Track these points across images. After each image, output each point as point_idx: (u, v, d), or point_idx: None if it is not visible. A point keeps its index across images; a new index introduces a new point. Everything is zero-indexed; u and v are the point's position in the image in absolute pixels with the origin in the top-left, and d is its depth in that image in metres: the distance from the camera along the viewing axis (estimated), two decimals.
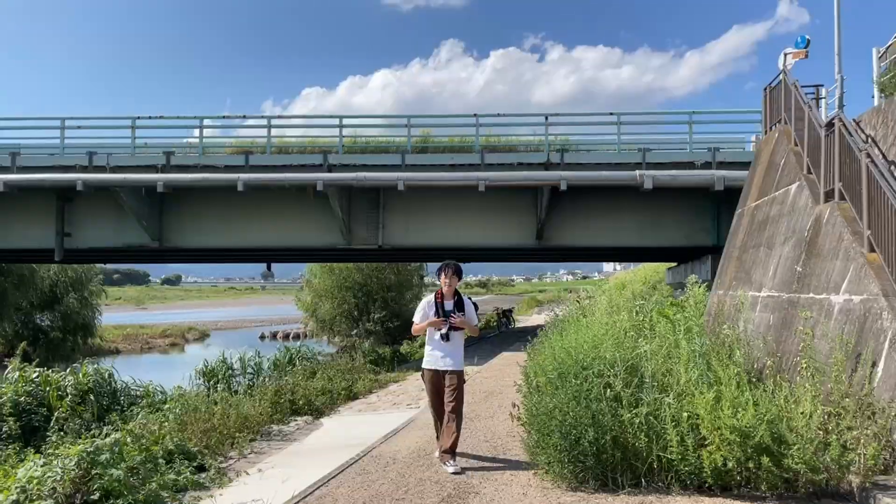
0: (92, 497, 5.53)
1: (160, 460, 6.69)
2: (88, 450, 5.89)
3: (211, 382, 12.97)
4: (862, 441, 4.64)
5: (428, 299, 6.33)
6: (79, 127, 17.48)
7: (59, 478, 5.64)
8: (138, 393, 11.59)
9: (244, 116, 17.83)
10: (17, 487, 5.46)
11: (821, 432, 4.71)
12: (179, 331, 52.34)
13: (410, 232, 18.50)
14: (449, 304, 6.13)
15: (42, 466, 5.96)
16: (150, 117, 17.33)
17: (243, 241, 18.87)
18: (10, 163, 17.17)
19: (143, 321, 57.58)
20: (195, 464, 7.00)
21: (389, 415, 9.94)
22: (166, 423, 7.95)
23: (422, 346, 28.44)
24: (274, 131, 17.83)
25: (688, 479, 4.87)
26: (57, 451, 6.20)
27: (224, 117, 18.04)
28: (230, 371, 13.73)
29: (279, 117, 17.89)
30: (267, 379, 13.23)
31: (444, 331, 6.00)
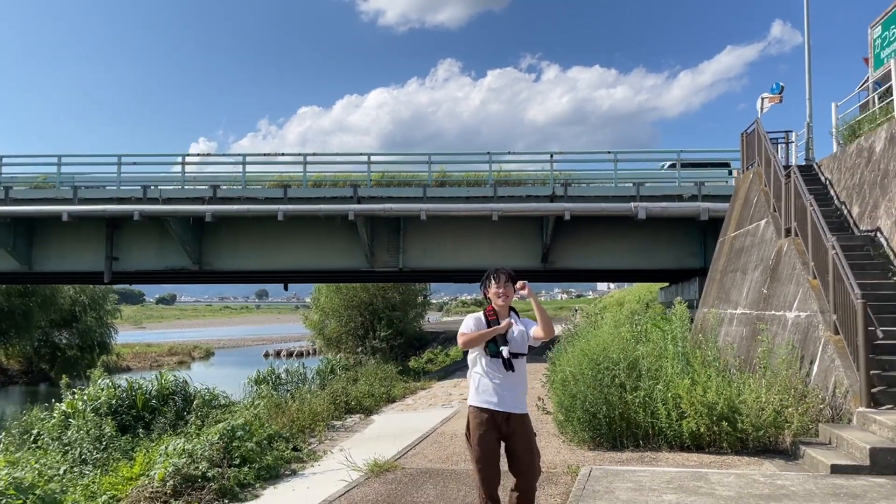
0: (234, 462, 7.48)
1: (264, 441, 8.66)
2: (227, 428, 7.87)
3: (263, 388, 14.83)
4: (793, 413, 6.68)
5: (475, 316, 4.49)
6: (134, 163, 19.51)
7: (206, 448, 7.58)
8: (206, 397, 13.45)
9: (283, 154, 19.96)
10: (183, 453, 7.38)
11: (763, 409, 6.74)
12: (185, 349, 53.82)
13: (428, 255, 20.54)
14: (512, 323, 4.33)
15: (186, 443, 7.91)
16: (197, 154, 19.45)
17: (275, 264, 20.84)
18: (73, 195, 19.16)
19: (146, 340, 58.91)
20: (291, 445, 8.96)
21: (428, 412, 11.89)
22: (258, 416, 9.87)
23: (428, 361, 30.08)
24: (306, 167, 19.93)
25: (673, 441, 6.92)
26: (198, 432, 8.13)
27: (266, 154, 20.13)
28: (279, 379, 15.65)
29: (314, 154, 20.00)
30: (311, 386, 15.14)
31: (506, 354, 4.19)
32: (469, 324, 4.38)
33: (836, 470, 5.89)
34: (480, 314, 4.46)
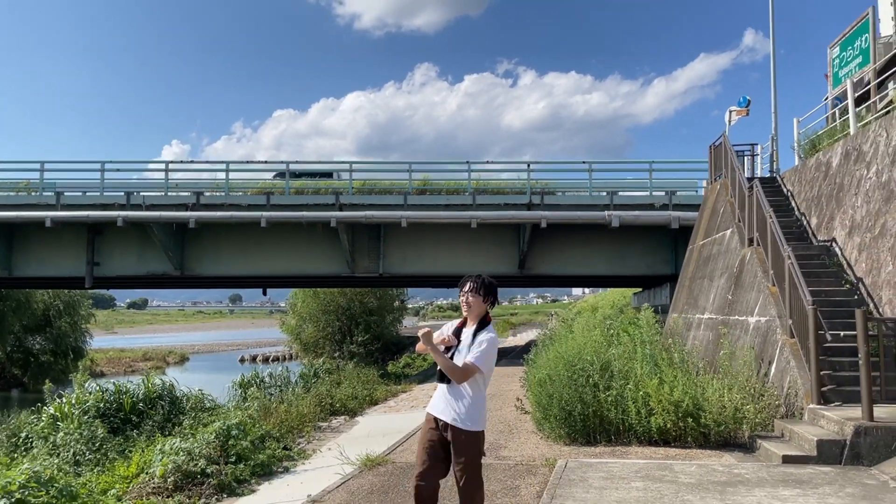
0: (230, 459, 7.88)
1: (257, 440, 9.06)
2: (223, 427, 8.26)
3: (248, 392, 15.16)
4: (751, 410, 7.29)
5: (452, 323, 4.51)
6: (118, 170, 19.73)
7: (204, 447, 7.96)
8: (194, 400, 13.74)
9: (266, 161, 20.32)
10: (181, 451, 7.75)
11: (724, 406, 7.34)
12: (160, 354, 53.37)
13: (408, 261, 21.01)
14: (468, 333, 4.28)
15: (183, 443, 8.27)
16: (181, 161, 19.73)
17: (257, 269, 21.15)
18: (56, 201, 19.29)
19: (118, 345, 58.22)
20: (281, 445, 9.36)
21: (411, 413, 12.35)
22: (251, 416, 10.26)
23: (406, 365, 30.69)
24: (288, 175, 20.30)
25: (642, 436, 7.49)
26: (194, 432, 8.50)
27: (248, 162, 20.48)
28: (263, 383, 15.98)
29: (296, 162, 20.39)
30: (295, 389, 15.50)
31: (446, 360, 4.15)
32: (442, 329, 4.42)
33: (787, 460, 6.49)
34: (458, 321, 4.42)
